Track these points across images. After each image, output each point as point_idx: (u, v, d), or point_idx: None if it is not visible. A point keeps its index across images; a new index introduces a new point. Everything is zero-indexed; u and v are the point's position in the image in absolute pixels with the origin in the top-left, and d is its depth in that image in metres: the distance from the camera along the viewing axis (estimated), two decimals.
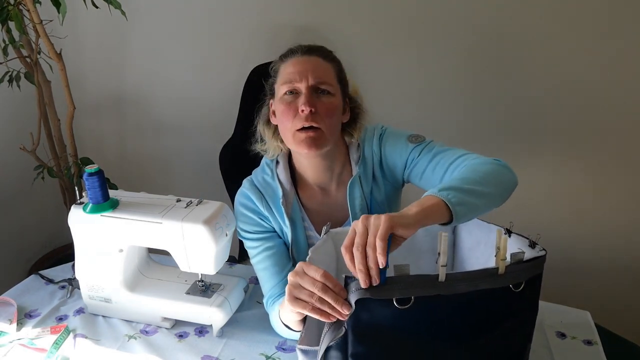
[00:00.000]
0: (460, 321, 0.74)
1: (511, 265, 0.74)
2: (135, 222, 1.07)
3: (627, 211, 1.82)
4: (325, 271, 0.77)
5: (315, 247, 0.89)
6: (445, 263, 0.71)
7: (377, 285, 0.70)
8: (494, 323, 0.76)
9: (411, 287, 0.70)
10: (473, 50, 1.74)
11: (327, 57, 1.09)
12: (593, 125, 1.74)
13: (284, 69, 1.07)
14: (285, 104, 1.05)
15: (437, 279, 0.70)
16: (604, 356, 1.02)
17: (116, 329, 1.16)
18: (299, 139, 1.04)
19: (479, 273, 0.73)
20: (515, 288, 0.75)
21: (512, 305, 0.77)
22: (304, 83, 1.03)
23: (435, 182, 1.04)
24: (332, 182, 1.15)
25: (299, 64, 1.05)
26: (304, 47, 1.08)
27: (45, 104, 1.81)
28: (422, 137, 1.11)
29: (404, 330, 0.72)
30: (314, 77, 1.04)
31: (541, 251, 0.78)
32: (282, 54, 1.11)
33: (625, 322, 1.58)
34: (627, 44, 1.62)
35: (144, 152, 2.20)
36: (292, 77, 1.04)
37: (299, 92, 1.04)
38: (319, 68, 1.06)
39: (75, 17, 1.81)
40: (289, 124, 1.04)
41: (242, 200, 1.15)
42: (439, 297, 0.71)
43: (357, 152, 1.13)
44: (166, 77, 2.05)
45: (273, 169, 1.15)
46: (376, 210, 1.14)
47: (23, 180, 1.97)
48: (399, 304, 0.70)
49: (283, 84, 1.05)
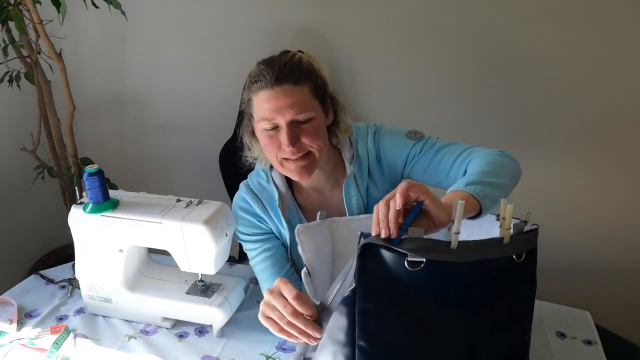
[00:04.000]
0: (467, 290, 0.76)
1: (513, 236, 0.76)
2: (135, 222, 1.07)
3: (628, 211, 1.82)
4: (298, 292, 0.80)
5: (307, 225, 0.92)
6: (459, 230, 0.72)
7: (393, 244, 0.71)
8: (498, 296, 0.78)
9: (424, 250, 0.71)
10: (473, 51, 1.74)
11: (298, 80, 0.99)
12: (593, 125, 1.74)
13: (258, 104, 1.01)
14: (267, 137, 1.02)
15: (449, 246, 0.72)
16: (604, 356, 1.02)
17: (116, 329, 1.16)
18: (289, 168, 1.04)
19: (487, 241, 0.75)
20: (517, 259, 0.77)
21: (515, 277, 0.79)
22: (282, 120, 0.99)
23: (441, 177, 1.05)
24: (326, 183, 1.15)
25: (273, 100, 0.98)
26: (272, 77, 0.98)
27: (45, 104, 1.81)
28: (421, 133, 1.11)
29: (412, 292, 0.74)
30: (291, 112, 0.98)
31: (533, 225, 0.80)
32: (252, 79, 1.01)
33: (625, 322, 1.57)
34: (627, 44, 1.62)
35: (144, 152, 2.20)
36: (269, 115, 0.99)
37: (279, 127, 1.01)
38: (293, 99, 0.98)
39: (75, 17, 1.81)
40: (274, 154, 1.03)
41: (240, 203, 1.16)
42: (448, 263, 0.72)
43: (350, 150, 1.13)
44: (166, 77, 2.05)
45: (268, 172, 1.14)
46: (372, 206, 1.14)
47: (23, 180, 1.97)
48: (410, 266, 0.71)
49: (261, 121, 1.01)
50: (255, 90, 1.01)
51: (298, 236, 0.92)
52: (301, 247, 0.92)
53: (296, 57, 1.02)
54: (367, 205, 1.13)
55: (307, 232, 0.92)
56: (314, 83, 1.03)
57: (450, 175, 1.04)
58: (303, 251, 0.91)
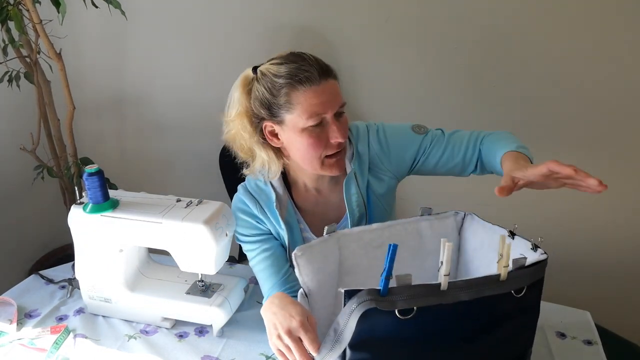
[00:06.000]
0: (462, 326, 0.74)
1: (513, 271, 0.74)
2: (135, 222, 1.07)
3: (628, 211, 1.82)
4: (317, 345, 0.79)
5: (307, 246, 0.89)
6: (448, 272, 0.70)
7: (380, 296, 0.69)
8: (495, 327, 0.76)
9: (414, 297, 0.69)
10: (473, 50, 1.74)
11: (334, 73, 1.03)
12: (593, 124, 1.74)
13: (305, 100, 0.98)
14: (313, 136, 1.01)
15: (440, 288, 0.70)
16: (604, 356, 1.02)
17: (116, 329, 1.16)
18: (329, 164, 1.05)
19: (481, 280, 0.72)
20: (516, 293, 0.75)
21: (513, 309, 0.77)
22: (330, 113, 1.00)
23: (456, 161, 1.11)
24: (327, 182, 1.15)
25: (322, 94, 0.98)
26: (318, 71, 0.98)
27: (45, 104, 1.81)
28: (425, 126, 1.15)
29: (405, 338, 0.72)
30: (338, 104, 1.01)
31: (542, 255, 0.78)
32: (291, 78, 0.98)
33: (625, 322, 1.57)
34: (627, 44, 1.62)
35: (144, 152, 2.20)
36: (319, 110, 0.98)
37: (324, 123, 1.01)
38: (337, 91, 1.02)
39: (75, 17, 1.81)
40: (317, 153, 1.03)
41: (238, 204, 1.16)
42: (440, 304, 0.70)
43: (349, 149, 1.13)
44: (166, 77, 2.04)
45: (265, 174, 1.14)
46: (373, 203, 1.15)
47: (23, 180, 1.97)
48: (401, 315, 0.69)
49: (309, 117, 0.98)
50: (298, 86, 0.98)
51: (295, 260, 0.88)
52: (298, 270, 0.88)
53: (310, 54, 1.03)
54: (368, 202, 1.14)
55: (304, 255, 0.88)
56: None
57: (467, 157, 1.10)
58: (300, 274, 0.89)
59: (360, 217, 1.13)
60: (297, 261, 0.88)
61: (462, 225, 1.00)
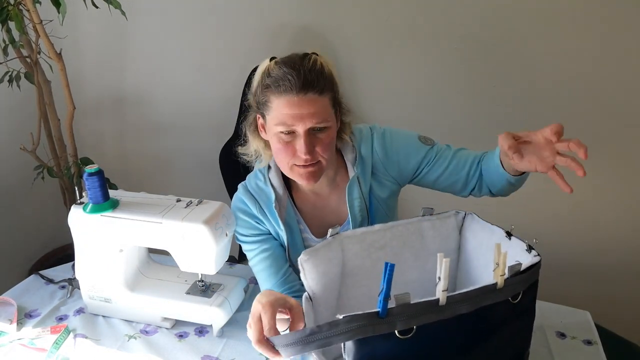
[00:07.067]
0: (460, 338, 0.74)
1: (509, 278, 0.74)
2: (135, 222, 1.07)
3: (628, 211, 1.82)
4: (273, 325, 0.79)
5: (313, 250, 0.88)
6: (446, 288, 0.69)
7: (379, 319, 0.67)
8: (492, 334, 0.76)
9: (413, 317, 0.68)
10: (473, 51, 1.74)
11: (323, 90, 0.98)
12: (593, 125, 1.74)
13: (277, 107, 0.98)
14: (281, 142, 1.00)
15: (438, 304, 0.69)
16: (604, 356, 1.02)
17: (116, 329, 1.16)
18: (297, 172, 1.04)
19: (479, 291, 0.72)
20: (513, 299, 0.75)
21: (510, 315, 0.77)
22: (301, 127, 0.97)
23: (458, 176, 1.12)
24: (325, 186, 1.15)
25: (295, 107, 0.96)
26: (298, 84, 0.95)
27: (45, 104, 1.81)
28: (432, 139, 1.15)
29: (405, 357, 0.71)
30: (312, 121, 0.97)
31: (536, 257, 0.78)
32: (274, 82, 0.98)
33: (625, 322, 1.57)
34: (627, 44, 1.62)
35: (144, 152, 2.20)
36: (288, 121, 0.97)
37: (296, 134, 0.99)
38: (316, 108, 0.97)
39: (75, 17, 1.81)
40: (286, 160, 1.02)
41: (238, 204, 1.16)
42: (439, 321, 0.70)
43: (352, 152, 1.12)
44: (166, 77, 2.05)
45: (265, 174, 1.14)
46: (376, 208, 1.14)
47: (23, 180, 1.97)
48: (401, 334, 0.69)
49: (278, 124, 0.98)
50: (276, 92, 0.98)
51: (301, 264, 0.87)
52: (304, 274, 0.87)
53: (318, 63, 1.00)
54: (370, 206, 1.13)
55: (311, 260, 0.87)
56: (335, 92, 1.03)
57: (470, 174, 1.11)
58: (305, 278, 0.87)
59: (362, 221, 1.13)
60: (303, 265, 0.87)
61: (462, 225, 1.00)
